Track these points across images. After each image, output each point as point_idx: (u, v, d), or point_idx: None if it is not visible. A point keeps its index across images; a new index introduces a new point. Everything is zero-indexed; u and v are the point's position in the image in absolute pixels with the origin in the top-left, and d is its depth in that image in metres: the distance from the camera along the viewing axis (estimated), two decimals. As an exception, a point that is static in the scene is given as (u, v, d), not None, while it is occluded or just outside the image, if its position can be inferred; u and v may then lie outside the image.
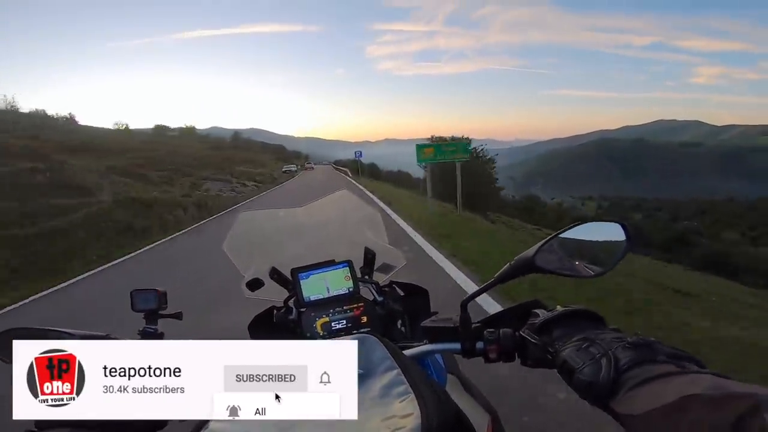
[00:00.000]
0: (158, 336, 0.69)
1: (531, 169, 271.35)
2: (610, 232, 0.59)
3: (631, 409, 0.38)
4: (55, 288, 6.35)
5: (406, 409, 0.41)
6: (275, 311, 0.98)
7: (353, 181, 25.43)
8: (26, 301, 5.75)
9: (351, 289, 0.95)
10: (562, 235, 0.59)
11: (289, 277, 0.96)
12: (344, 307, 0.94)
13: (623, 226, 0.59)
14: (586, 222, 0.60)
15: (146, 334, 0.69)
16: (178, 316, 0.76)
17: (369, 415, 0.42)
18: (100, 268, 7.47)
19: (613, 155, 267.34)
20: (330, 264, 0.96)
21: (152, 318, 0.72)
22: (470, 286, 4.17)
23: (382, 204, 11.20)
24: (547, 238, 0.59)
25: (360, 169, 35.08)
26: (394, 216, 9.12)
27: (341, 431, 0.41)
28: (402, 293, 1.02)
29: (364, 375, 0.48)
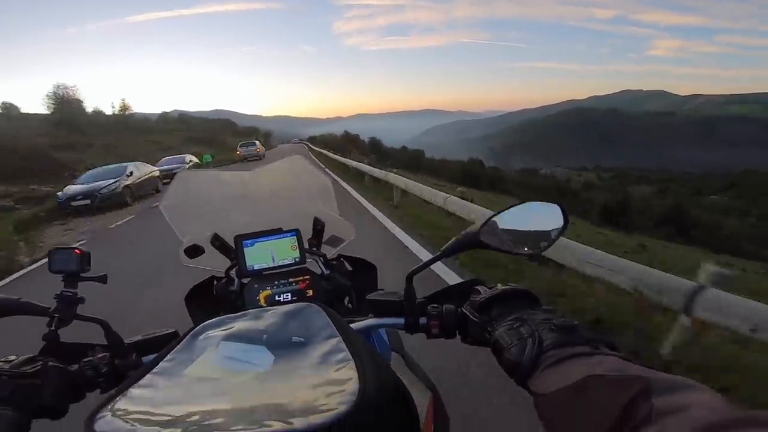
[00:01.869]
0: (78, 301, 0.63)
1: (508, 140, 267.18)
2: (549, 212, 0.61)
3: (543, 388, 0.39)
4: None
5: (345, 375, 0.40)
6: (215, 281, 0.93)
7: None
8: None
9: (297, 259, 0.91)
10: (504, 213, 0.61)
11: (233, 245, 0.91)
12: (289, 280, 0.90)
13: (561, 208, 0.61)
14: (529, 202, 0.62)
15: (63, 299, 0.61)
16: (102, 279, 0.67)
17: (307, 381, 0.41)
18: None
19: (588, 125, 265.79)
20: (276, 232, 0.91)
21: (72, 281, 0.64)
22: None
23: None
24: (491, 215, 0.61)
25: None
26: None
27: (277, 394, 0.40)
28: (350, 268, 0.99)
29: (304, 343, 0.48)
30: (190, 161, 20.00)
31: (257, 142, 28.66)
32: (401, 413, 0.44)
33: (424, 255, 4.17)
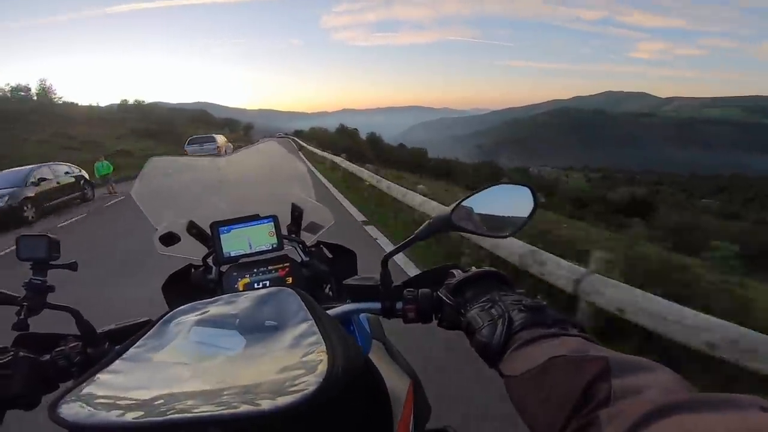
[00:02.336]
0: (47, 289, 0.61)
1: (495, 138, 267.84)
2: (520, 194, 0.61)
3: (511, 370, 0.39)
4: None
5: (316, 357, 0.40)
6: (193, 270, 0.91)
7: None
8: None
9: (275, 246, 0.89)
10: (476, 196, 0.61)
11: (209, 232, 0.89)
12: (268, 267, 0.89)
13: (531, 190, 0.61)
14: (499, 184, 0.62)
15: (32, 287, 0.60)
16: (72, 266, 0.65)
17: (277, 364, 0.41)
18: None
19: (573, 125, 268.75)
20: (253, 219, 0.89)
21: (41, 268, 0.62)
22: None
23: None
24: (462, 198, 0.61)
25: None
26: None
27: (245, 377, 0.39)
28: (329, 255, 0.98)
29: (277, 327, 0.48)
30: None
31: (217, 137, 20.67)
32: (371, 396, 0.43)
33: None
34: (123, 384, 0.39)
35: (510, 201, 0.62)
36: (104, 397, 0.37)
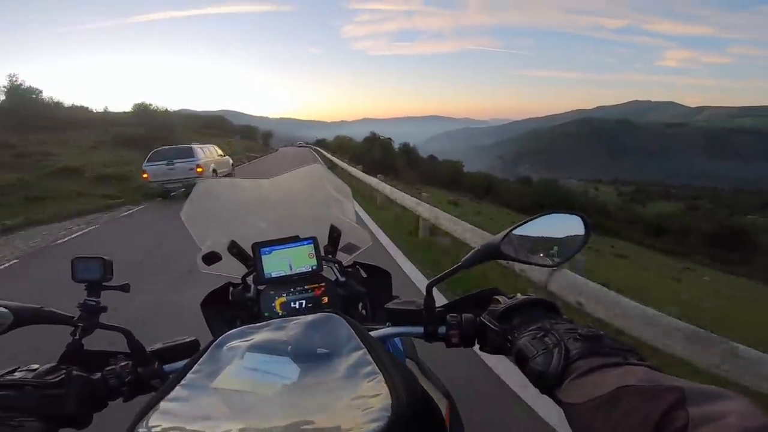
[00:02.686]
0: (100, 310, 0.63)
1: (517, 149, 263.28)
2: (571, 223, 0.61)
3: (573, 398, 0.39)
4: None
5: (375, 389, 0.40)
6: (231, 288, 0.93)
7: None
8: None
9: (314, 267, 0.91)
10: (526, 224, 0.61)
11: (250, 253, 0.91)
12: (305, 287, 0.90)
13: (582, 219, 0.61)
14: (550, 213, 0.62)
15: (87, 308, 0.62)
16: (124, 288, 0.67)
17: (337, 394, 0.41)
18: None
19: (598, 135, 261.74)
20: (294, 240, 0.91)
21: (95, 290, 0.64)
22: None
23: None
24: (512, 226, 0.61)
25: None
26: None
27: (309, 409, 0.40)
28: (365, 275, 0.99)
29: (329, 354, 0.47)
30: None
31: (200, 149, 11.43)
32: (430, 425, 0.44)
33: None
34: (187, 414, 0.40)
35: (561, 230, 0.62)
36: (173, 429, 0.38)
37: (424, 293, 0.64)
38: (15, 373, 0.51)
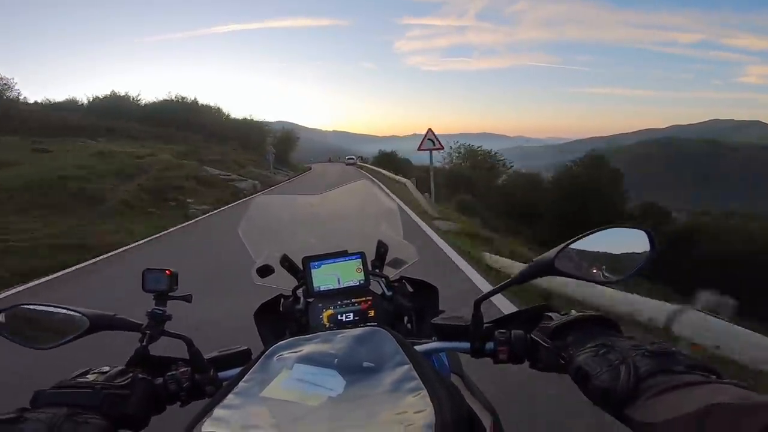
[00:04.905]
0: (166, 318, 0.68)
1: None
2: (634, 239, 0.58)
3: (650, 417, 0.37)
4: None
5: (419, 405, 0.40)
6: (282, 299, 0.96)
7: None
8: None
9: (362, 282, 0.92)
10: (584, 239, 0.58)
11: (300, 266, 0.94)
12: (352, 300, 0.91)
13: (648, 234, 0.58)
14: (612, 227, 0.59)
15: (154, 316, 0.67)
16: (187, 298, 0.72)
17: (381, 409, 0.41)
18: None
19: (681, 156, 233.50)
20: (342, 255, 0.93)
21: (161, 299, 0.69)
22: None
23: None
24: (568, 241, 0.59)
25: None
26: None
27: (353, 422, 0.40)
28: (411, 289, 1.00)
29: (375, 368, 0.48)
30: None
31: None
32: None
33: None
34: (238, 421, 0.42)
35: (623, 245, 0.59)
36: None
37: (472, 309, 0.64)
38: (88, 375, 0.56)
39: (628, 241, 0.58)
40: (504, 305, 3.29)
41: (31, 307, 0.65)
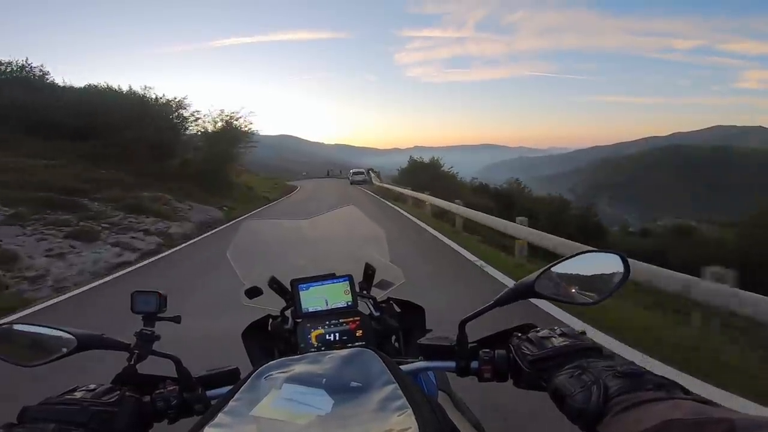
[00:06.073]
0: (154, 339, 0.70)
1: (589, 180, 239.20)
2: (609, 262, 0.62)
3: None
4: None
5: (404, 424, 0.41)
6: (271, 320, 0.98)
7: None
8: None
9: (350, 303, 0.94)
10: (562, 263, 0.62)
11: (288, 288, 0.96)
12: (340, 320, 0.92)
13: (622, 258, 0.61)
14: (588, 252, 0.63)
15: (142, 336, 0.69)
16: (176, 319, 0.75)
17: (368, 427, 0.43)
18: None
19: (689, 164, 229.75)
20: (330, 277, 0.95)
21: (150, 320, 0.71)
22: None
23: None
24: (548, 265, 0.62)
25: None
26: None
27: None
28: (398, 309, 1.02)
29: (362, 388, 0.50)
30: None
31: None
32: None
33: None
34: None
35: (598, 268, 0.62)
36: None
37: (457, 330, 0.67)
38: (75, 392, 0.56)
39: (604, 263, 0.62)
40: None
41: (19, 327, 0.66)
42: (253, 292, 1.01)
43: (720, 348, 2.95)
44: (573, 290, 0.62)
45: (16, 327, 0.67)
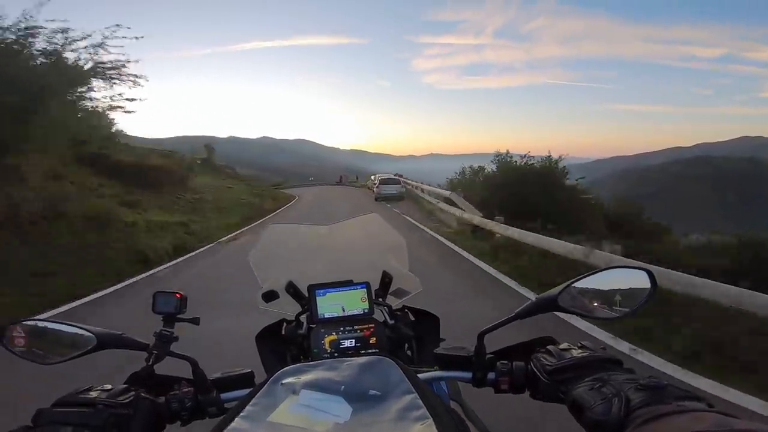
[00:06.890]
0: (173, 339, 0.70)
1: (609, 191, 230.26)
2: (635, 277, 0.61)
3: None
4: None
5: None
6: (285, 324, 0.98)
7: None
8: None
9: (366, 311, 0.93)
10: (588, 278, 0.62)
11: (305, 293, 0.97)
12: (355, 327, 0.91)
13: (649, 273, 0.61)
14: (615, 267, 0.63)
15: (161, 337, 0.69)
16: (195, 321, 0.76)
17: None
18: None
19: (718, 176, 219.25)
20: (348, 284, 0.95)
21: (170, 321, 0.72)
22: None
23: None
24: (572, 280, 0.62)
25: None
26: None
27: None
28: (413, 318, 1.02)
29: (381, 396, 0.49)
30: None
31: None
32: None
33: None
34: None
35: (624, 284, 0.62)
36: None
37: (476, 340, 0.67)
38: (90, 392, 0.56)
39: (630, 279, 0.61)
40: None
41: (40, 323, 0.66)
42: (270, 296, 1.01)
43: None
44: (596, 305, 0.61)
45: (33, 322, 0.66)
